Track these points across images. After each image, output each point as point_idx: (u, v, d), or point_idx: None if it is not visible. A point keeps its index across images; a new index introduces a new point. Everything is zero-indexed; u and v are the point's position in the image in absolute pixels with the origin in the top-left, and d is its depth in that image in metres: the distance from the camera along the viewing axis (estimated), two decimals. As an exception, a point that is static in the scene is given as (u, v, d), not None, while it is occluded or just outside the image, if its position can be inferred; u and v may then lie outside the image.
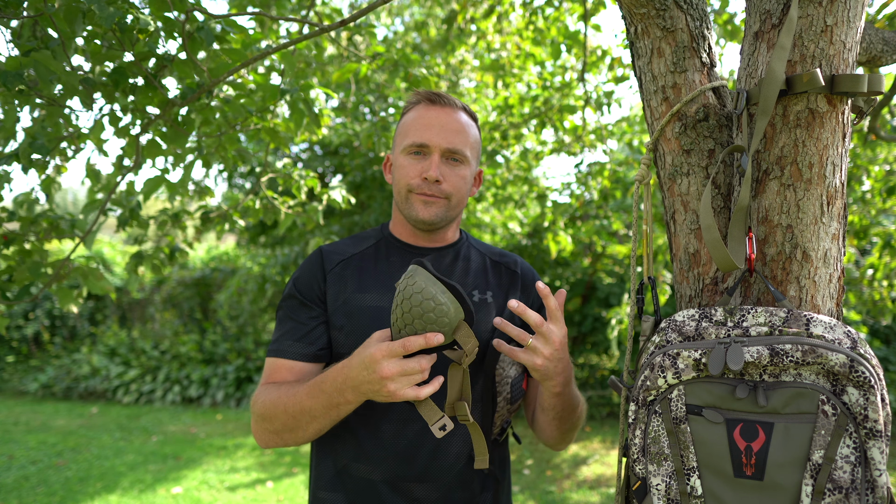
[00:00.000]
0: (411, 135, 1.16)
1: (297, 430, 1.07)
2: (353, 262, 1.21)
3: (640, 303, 1.04)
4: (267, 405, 1.09)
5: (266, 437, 1.12)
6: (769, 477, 0.80)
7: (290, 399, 1.06)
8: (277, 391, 1.09)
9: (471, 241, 1.33)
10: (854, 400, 0.78)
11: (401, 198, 1.19)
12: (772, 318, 0.85)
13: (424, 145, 1.15)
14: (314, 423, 1.05)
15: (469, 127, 1.20)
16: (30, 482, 4.16)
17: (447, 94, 1.21)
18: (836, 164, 0.89)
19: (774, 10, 0.90)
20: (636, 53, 1.02)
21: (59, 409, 6.38)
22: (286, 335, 1.16)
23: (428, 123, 1.16)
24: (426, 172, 1.14)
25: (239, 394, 6.48)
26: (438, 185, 1.15)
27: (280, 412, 1.07)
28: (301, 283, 1.19)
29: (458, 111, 1.19)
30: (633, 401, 0.90)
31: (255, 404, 1.12)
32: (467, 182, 1.20)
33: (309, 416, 1.04)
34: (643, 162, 1.04)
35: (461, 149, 1.17)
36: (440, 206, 1.17)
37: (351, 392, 0.98)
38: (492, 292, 1.24)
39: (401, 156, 1.18)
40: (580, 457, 4.63)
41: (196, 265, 8.24)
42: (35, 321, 7.83)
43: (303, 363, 1.15)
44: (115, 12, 1.25)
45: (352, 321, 1.15)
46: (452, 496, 1.14)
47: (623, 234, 5.48)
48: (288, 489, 4.10)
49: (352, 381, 0.97)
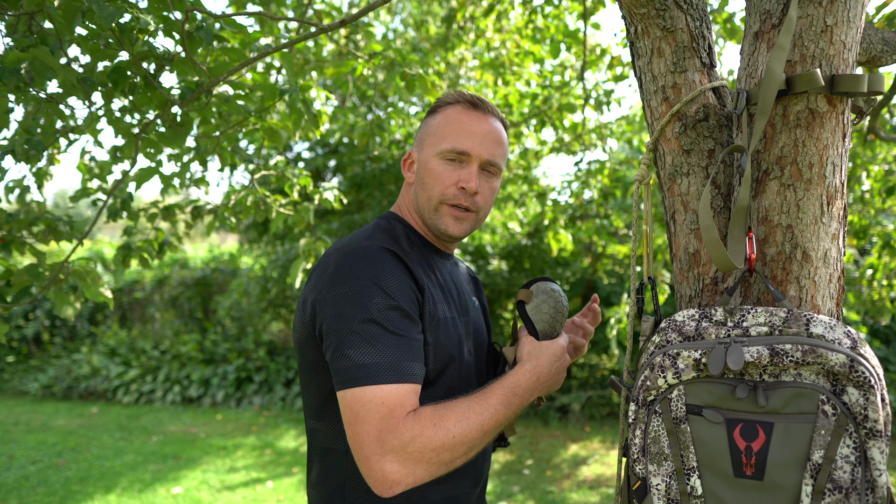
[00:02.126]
0: (450, 139, 1.09)
1: (477, 448, 0.95)
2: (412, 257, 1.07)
3: (640, 303, 1.04)
4: (453, 431, 0.90)
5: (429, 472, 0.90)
6: (769, 477, 0.81)
7: (484, 414, 0.94)
8: (454, 412, 0.92)
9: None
10: (854, 400, 0.78)
11: (430, 206, 1.10)
12: (772, 318, 0.85)
13: (465, 153, 1.09)
14: (490, 438, 0.96)
15: (505, 138, 1.17)
16: (30, 482, 4.16)
17: (486, 99, 1.15)
18: (836, 164, 0.89)
19: (774, 10, 0.90)
20: (636, 53, 1.02)
21: (59, 409, 6.38)
22: (402, 356, 0.93)
23: (470, 130, 1.09)
24: (466, 183, 1.08)
25: (239, 394, 6.48)
26: (474, 197, 1.10)
27: (474, 432, 0.92)
28: (401, 293, 0.97)
29: (497, 120, 1.15)
30: (633, 401, 0.90)
31: (421, 438, 0.89)
32: (496, 195, 1.17)
33: (496, 430, 0.96)
34: (643, 162, 1.04)
35: (499, 161, 1.13)
36: (470, 223, 1.12)
37: (538, 391, 1.05)
38: (476, 298, 1.28)
39: (434, 159, 1.10)
40: (580, 457, 4.63)
41: (197, 265, 8.23)
42: (35, 321, 7.83)
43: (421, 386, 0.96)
44: (115, 12, 1.25)
45: (436, 333, 1.04)
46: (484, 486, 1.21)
47: (623, 233, 5.48)
48: (288, 489, 4.10)
49: (546, 377, 1.06)
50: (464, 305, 1.16)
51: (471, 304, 1.20)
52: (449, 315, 1.08)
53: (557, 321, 1.15)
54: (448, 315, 1.07)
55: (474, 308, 1.22)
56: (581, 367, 5.89)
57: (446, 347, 1.04)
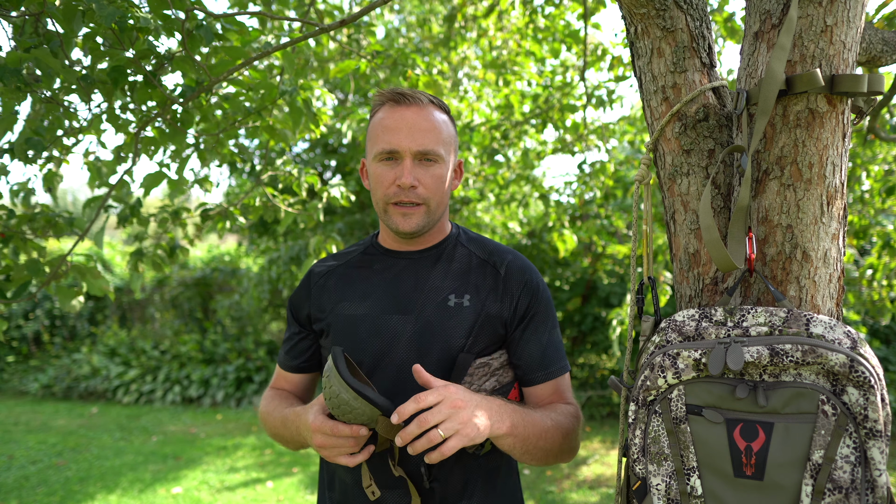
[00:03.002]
0: (380, 141, 1.12)
1: (282, 443, 1.23)
2: (336, 272, 1.26)
3: (640, 303, 1.04)
4: (261, 414, 1.27)
5: (266, 430, 1.28)
6: (769, 477, 0.81)
7: (272, 419, 1.21)
8: (269, 405, 1.25)
9: (461, 238, 1.25)
10: (854, 400, 0.78)
11: (380, 209, 1.16)
12: (772, 318, 0.85)
13: (394, 151, 1.11)
14: (291, 444, 1.20)
15: (440, 122, 1.14)
16: (30, 482, 4.16)
17: (413, 89, 1.15)
18: (836, 164, 0.89)
19: (774, 10, 0.90)
20: (636, 53, 1.02)
21: (59, 409, 6.38)
22: (283, 345, 1.32)
23: (395, 126, 1.11)
24: (399, 179, 1.10)
25: (239, 394, 6.48)
26: (415, 191, 1.11)
27: (268, 426, 1.24)
28: (292, 301, 1.29)
29: (426, 107, 1.13)
30: (633, 401, 0.90)
31: (262, 405, 1.29)
32: (444, 181, 1.15)
33: (283, 441, 1.21)
34: (643, 162, 1.04)
35: (433, 148, 1.11)
36: (420, 216, 1.13)
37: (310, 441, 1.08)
38: (470, 295, 1.16)
39: (373, 164, 1.14)
40: (580, 457, 4.63)
41: (196, 265, 8.23)
42: (35, 321, 7.83)
43: (292, 374, 1.31)
44: (115, 11, 1.25)
45: (334, 330, 1.20)
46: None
47: (623, 234, 5.48)
48: (288, 489, 4.10)
49: (303, 432, 1.09)
50: (407, 305, 1.15)
51: (426, 302, 1.15)
52: (362, 312, 1.18)
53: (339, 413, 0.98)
54: (357, 313, 1.18)
55: (443, 307, 1.15)
56: (581, 368, 5.89)
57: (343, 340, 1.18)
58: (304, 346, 1.28)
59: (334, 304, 1.21)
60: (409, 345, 1.14)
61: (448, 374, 1.13)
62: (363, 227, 6.13)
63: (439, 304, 1.15)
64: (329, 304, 1.22)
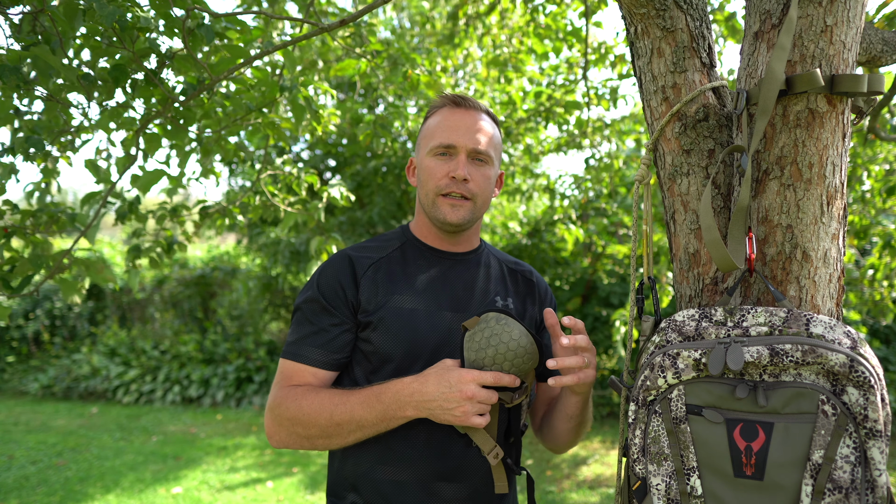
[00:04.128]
0: (437, 136, 1.19)
1: (336, 437, 1.09)
2: (382, 265, 1.22)
3: (640, 303, 1.04)
4: (304, 409, 1.09)
5: (292, 439, 1.12)
6: (769, 477, 0.81)
7: (338, 406, 1.08)
8: (317, 396, 1.10)
9: (489, 249, 1.35)
10: (854, 400, 0.78)
11: (428, 200, 1.20)
12: (772, 318, 0.85)
13: (451, 146, 1.18)
14: (358, 433, 1.08)
15: (493, 129, 1.24)
16: (30, 482, 4.16)
17: (471, 97, 1.24)
18: (836, 164, 0.89)
19: (774, 10, 0.90)
20: (636, 53, 1.02)
21: (59, 409, 6.38)
22: (307, 340, 1.16)
23: (454, 126, 1.19)
24: (454, 172, 1.16)
25: (239, 394, 6.48)
26: (466, 185, 1.17)
27: (323, 418, 1.08)
28: (326, 288, 1.18)
29: (482, 113, 1.23)
30: (633, 401, 0.90)
31: (281, 406, 1.11)
32: (491, 182, 1.23)
33: (356, 426, 1.07)
34: (643, 162, 1.04)
35: (486, 149, 1.19)
36: (467, 209, 1.19)
37: (413, 408, 1.04)
38: (511, 298, 1.28)
39: (427, 158, 1.20)
40: (580, 457, 4.63)
41: (196, 265, 8.23)
42: (35, 321, 7.83)
43: (325, 371, 1.16)
44: (116, 10, 1.25)
45: (388, 323, 1.15)
46: (480, 494, 1.16)
47: (623, 233, 5.48)
48: (288, 489, 4.10)
49: (424, 396, 1.03)
50: (461, 303, 1.21)
51: (478, 302, 1.23)
52: (419, 307, 1.18)
53: (489, 353, 1.05)
54: (414, 307, 1.18)
55: (492, 306, 1.23)
56: (581, 367, 5.88)
57: (401, 333, 1.15)
58: (345, 339, 1.17)
59: (387, 297, 1.17)
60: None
61: None
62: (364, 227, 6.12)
63: (489, 304, 1.24)
64: (382, 296, 1.17)
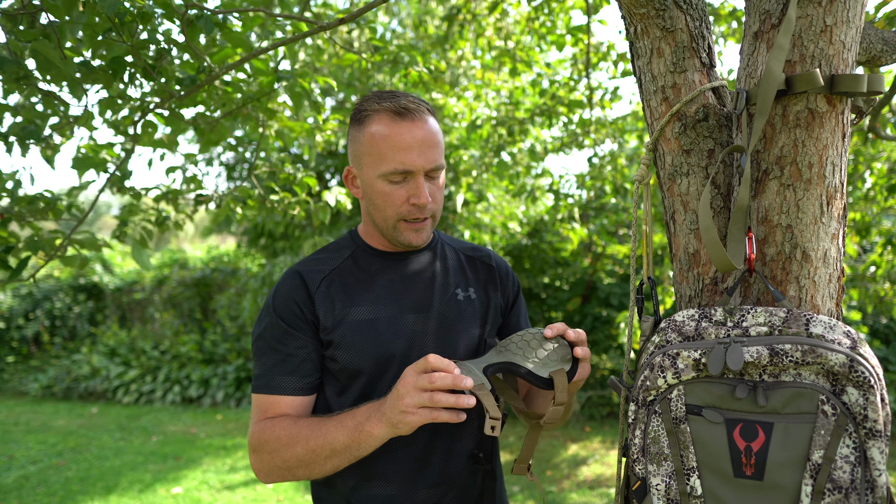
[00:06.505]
0: (389, 160, 1.08)
1: (314, 464, 1.04)
2: (335, 278, 1.16)
3: (640, 303, 1.04)
4: (282, 440, 1.05)
5: (275, 473, 1.10)
6: (769, 477, 0.81)
7: (314, 432, 1.04)
8: (294, 425, 1.06)
9: (444, 239, 1.30)
10: (854, 400, 0.78)
11: (387, 225, 1.13)
12: (771, 318, 0.85)
13: (408, 171, 1.08)
14: (334, 459, 1.03)
15: (439, 132, 1.14)
16: (30, 482, 4.16)
17: (411, 99, 1.11)
18: (836, 164, 0.89)
19: (774, 10, 0.90)
20: (636, 53, 1.02)
21: (59, 409, 6.38)
22: (275, 369, 1.11)
23: (406, 145, 1.07)
24: (417, 199, 1.09)
25: (239, 394, 6.48)
26: (427, 206, 1.12)
27: (299, 446, 1.04)
28: (283, 310, 1.13)
29: (427, 117, 1.11)
30: (632, 401, 0.90)
31: (260, 441, 1.08)
32: (444, 188, 1.18)
33: (330, 451, 1.02)
34: (643, 162, 1.04)
35: (440, 161, 1.12)
36: (429, 228, 1.15)
37: (377, 419, 0.97)
38: (473, 288, 1.24)
39: (379, 181, 1.10)
40: (580, 457, 4.63)
41: (196, 265, 8.23)
42: (35, 321, 7.83)
43: (301, 397, 1.12)
44: (116, 1, 1.23)
45: (350, 338, 1.11)
46: (464, 495, 1.15)
47: (623, 234, 5.48)
48: (287, 489, 4.10)
49: (384, 404, 0.98)
50: (422, 303, 1.17)
51: (440, 299, 1.18)
52: (379, 316, 1.13)
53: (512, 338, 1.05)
54: (374, 317, 1.13)
55: (454, 301, 1.20)
56: (581, 367, 5.88)
57: (365, 346, 1.11)
58: (314, 359, 1.13)
59: (344, 310, 1.13)
60: (433, 341, 1.16)
61: None
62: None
63: (450, 299, 1.20)
64: (339, 311, 1.13)
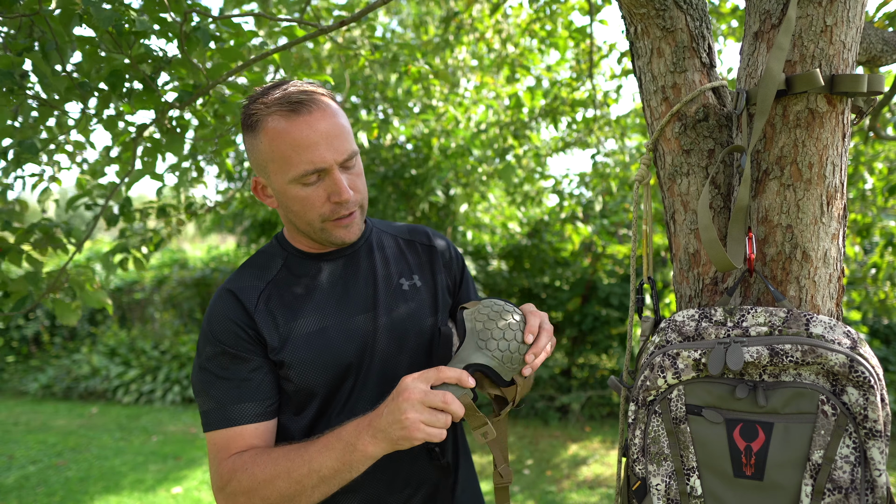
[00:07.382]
0: (295, 163, 0.98)
1: (299, 497, 0.94)
2: (272, 293, 1.07)
3: (640, 303, 1.04)
4: (259, 476, 0.94)
5: None
6: (769, 477, 0.81)
7: (295, 461, 0.94)
8: (270, 457, 0.96)
9: (377, 226, 1.22)
10: (854, 400, 0.78)
11: (313, 228, 1.05)
12: (771, 318, 0.85)
13: (320, 170, 0.98)
14: (322, 487, 0.93)
15: (341, 114, 1.04)
16: (30, 482, 4.16)
17: (300, 87, 1.01)
18: (836, 164, 0.89)
19: (774, 10, 0.90)
20: (636, 53, 1.02)
21: (59, 409, 6.38)
22: (230, 398, 1.01)
23: (310, 141, 0.97)
24: (338, 196, 1.00)
25: (239, 394, 6.48)
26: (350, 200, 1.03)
27: (281, 480, 0.93)
28: (224, 334, 1.03)
29: (324, 103, 1.00)
30: (632, 401, 0.90)
31: (232, 482, 0.96)
32: (363, 175, 1.08)
33: (317, 478, 0.92)
34: (643, 162, 1.04)
35: (351, 147, 1.02)
36: (358, 221, 1.07)
37: (371, 435, 0.89)
38: (417, 275, 1.17)
39: (292, 187, 1.00)
40: (580, 457, 4.63)
41: (196, 265, 8.23)
42: (35, 321, 7.83)
43: (265, 423, 1.02)
44: (113, 14, 1.24)
45: (301, 354, 1.04)
46: (430, 495, 1.14)
47: (623, 234, 5.48)
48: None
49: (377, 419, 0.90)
50: (368, 300, 1.11)
51: (385, 293, 1.12)
52: (327, 324, 1.06)
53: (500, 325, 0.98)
54: (322, 326, 1.06)
55: (399, 293, 1.14)
56: (581, 368, 5.89)
57: (317, 360, 1.04)
58: (270, 380, 1.04)
59: (288, 326, 1.05)
60: (384, 338, 1.11)
61: (428, 354, 1.13)
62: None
63: (395, 292, 1.13)
64: (283, 328, 1.04)
